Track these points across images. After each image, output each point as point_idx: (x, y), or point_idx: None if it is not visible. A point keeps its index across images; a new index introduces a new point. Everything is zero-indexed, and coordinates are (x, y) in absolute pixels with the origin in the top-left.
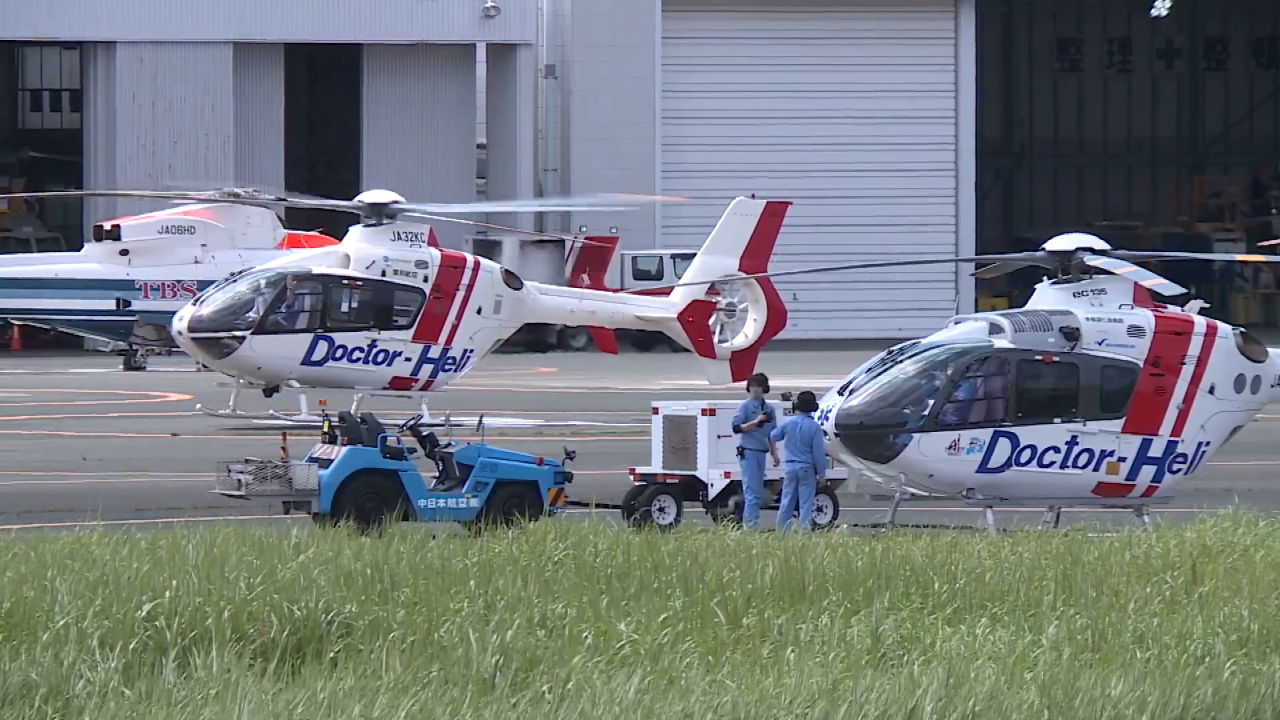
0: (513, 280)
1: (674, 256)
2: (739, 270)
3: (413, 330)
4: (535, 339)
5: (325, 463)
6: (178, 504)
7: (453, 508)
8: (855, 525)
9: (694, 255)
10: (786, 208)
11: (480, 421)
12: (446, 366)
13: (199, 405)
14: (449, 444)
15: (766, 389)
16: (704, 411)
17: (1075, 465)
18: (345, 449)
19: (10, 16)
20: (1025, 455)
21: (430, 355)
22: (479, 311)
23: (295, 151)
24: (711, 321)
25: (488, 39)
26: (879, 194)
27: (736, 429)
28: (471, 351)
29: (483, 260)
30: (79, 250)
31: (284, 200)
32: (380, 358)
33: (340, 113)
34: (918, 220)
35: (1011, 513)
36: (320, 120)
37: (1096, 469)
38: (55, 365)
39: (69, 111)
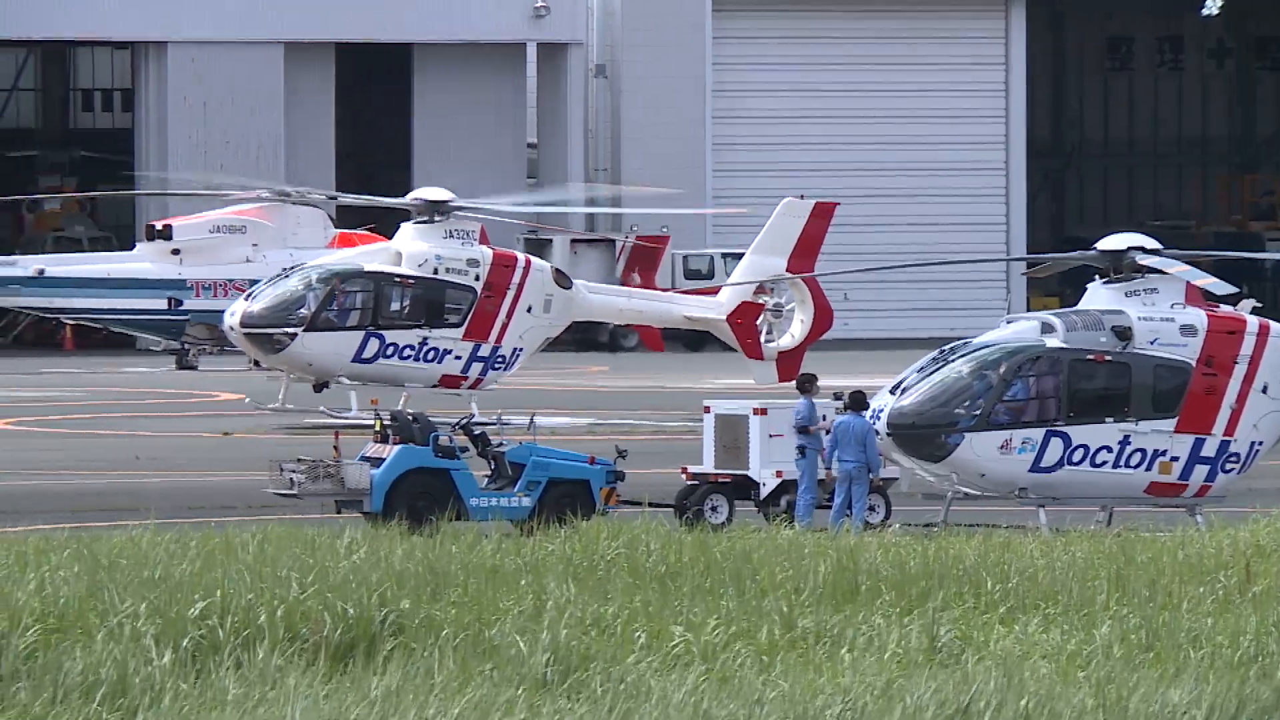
0: (563, 279)
1: (724, 256)
2: (787, 270)
3: (463, 328)
4: (586, 338)
5: (377, 462)
6: (230, 503)
7: (505, 507)
8: (908, 525)
9: (744, 254)
10: (835, 208)
11: (532, 420)
12: (496, 365)
13: (248, 399)
14: (501, 443)
15: (815, 389)
16: (756, 411)
17: (1128, 465)
18: (397, 448)
19: (62, 17)
20: (1078, 455)
21: (480, 354)
22: (529, 310)
23: (346, 151)
24: (759, 322)
25: (538, 38)
26: (929, 193)
27: (803, 430)
28: (521, 350)
29: (534, 259)
30: (131, 250)
31: (335, 198)
32: (430, 356)
33: (391, 112)
34: (968, 219)
35: (1064, 512)
36: (371, 120)
37: (1149, 469)
38: (107, 365)
39: (120, 111)
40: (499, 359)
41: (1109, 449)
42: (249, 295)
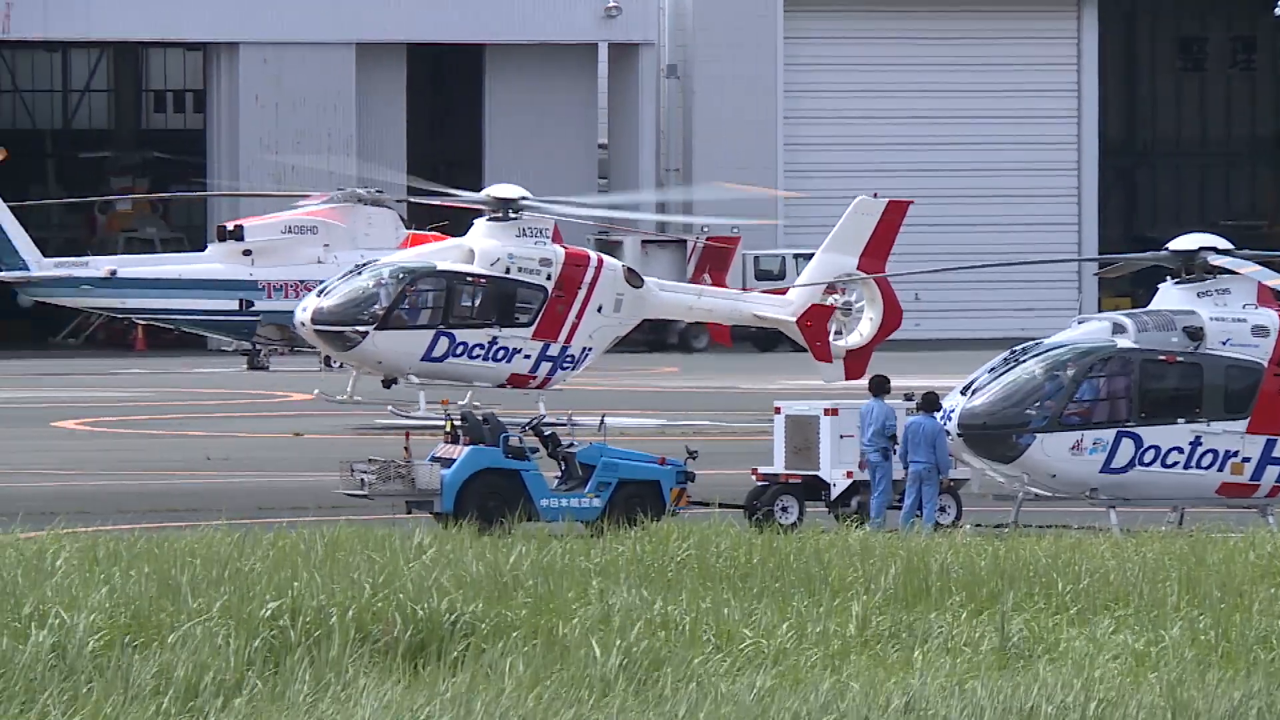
0: (634, 278)
1: (795, 256)
2: (858, 269)
3: (533, 328)
4: (657, 339)
5: (448, 462)
6: (301, 503)
7: (575, 507)
8: (978, 525)
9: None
10: (908, 207)
11: (602, 421)
12: (565, 364)
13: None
14: (571, 444)
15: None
16: (826, 411)
17: (1199, 466)
18: (468, 449)
19: (134, 18)
20: (1149, 455)
21: (549, 353)
22: (600, 310)
23: (417, 151)
24: (828, 323)
25: (609, 39)
26: (1001, 193)
27: (891, 437)
28: (590, 350)
29: (606, 258)
30: (202, 250)
31: (406, 201)
32: (500, 355)
33: (462, 113)
34: (1040, 220)
35: (1135, 513)
36: (442, 120)
37: (1220, 469)
38: (178, 365)
39: (192, 112)
40: (568, 358)
41: (1180, 450)
42: (321, 291)
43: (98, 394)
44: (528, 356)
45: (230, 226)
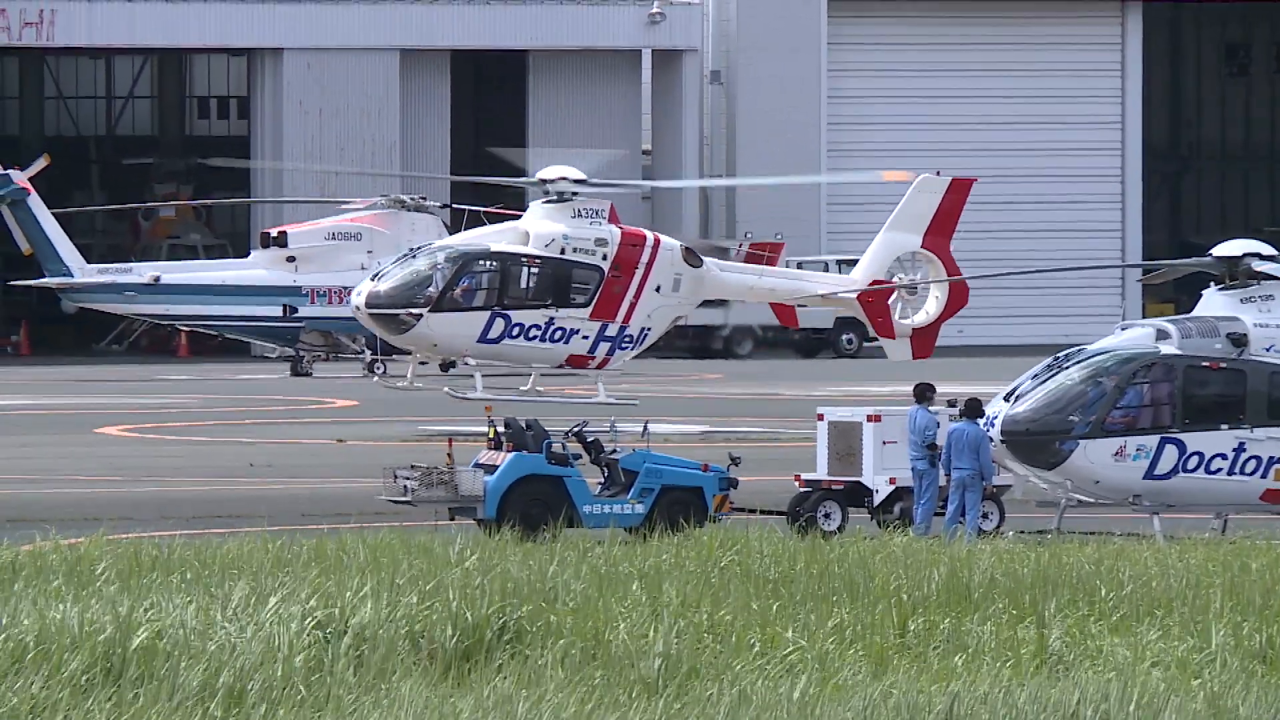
0: (693, 258)
1: (839, 262)
2: (922, 248)
3: (590, 308)
4: (701, 345)
5: (491, 469)
6: (344, 510)
7: (618, 514)
8: (1021, 532)
9: (858, 260)
10: (971, 185)
11: (645, 427)
12: (624, 344)
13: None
14: (614, 450)
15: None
16: (869, 418)
17: (1243, 472)
18: (510, 455)
19: (178, 24)
20: (1192, 462)
21: (608, 333)
22: (658, 290)
23: (461, 157)
24: (892, 300)
25: (653, 45)
26: (1045, 199)
27: (931, 446)
28: (649, 330)
29: (663, 238)
30: (246, 257)
31: (449, 206)
32: (557, 335)
33: (506, 118)
34: (1084, 226)
35: (1179, 520)
36: (486, 126)
37: (1264, 476)
38: (222, 371)
39: (236, 118)
40: (626, 338)
41: (1224, 456)
42: (376, 276)
43: (141, 400)
44: (585, 337)
45: (274, 233)
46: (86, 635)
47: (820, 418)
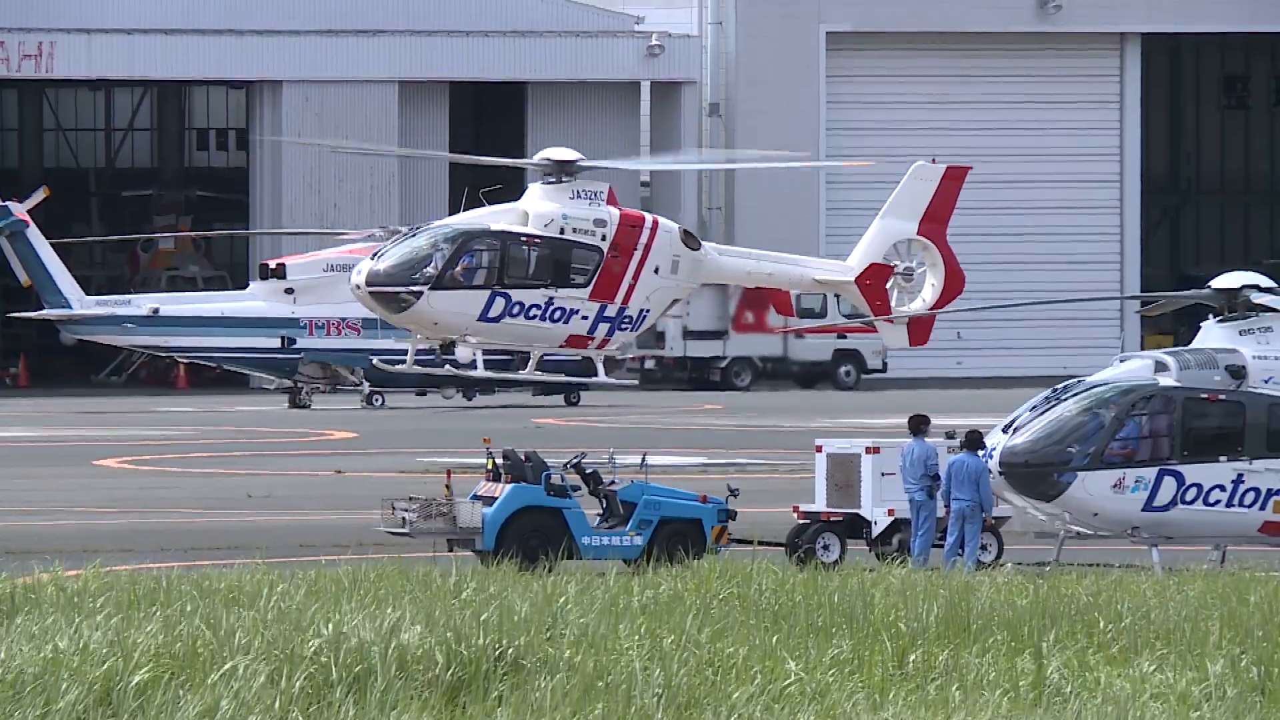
0: (691, 240)
1: (837, 295)
2: (917, 235)
3: (589, 289)
4: (700, 377)
5: (489, 500)
6: (342, 541)
7: (617, 545)
8: (1020, 564)
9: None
10: (967, 172)
11: (644, 459)
12: (623, 325)
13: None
14: (613, 481)
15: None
16: (868, 449)
17: (1241, 504)
18: (509, 486)
19: (178, 57)
20: (1191, 494)
21: (607, 314)
22: (656, 271)
23: (460, 189)
24: (889, 285)
25: (652, 77)
26: (1044, 231)
27: (934, 476)
28: (648, 311)
29: (661, 219)
30: (245, 288)
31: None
32: (557, 315)
33: (505, 150)
34: (1082, 258)
35: (1177, 551)
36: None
37: (1263, 507)
38: (220, 403)
39: (235, 150)
40: (625, 319)
41: (1222, 488)
42: (375, 255)
43: (140, 432)
44: (585, 318)
45: (273, 264)
46: (83, 667)
47: (819, 449)
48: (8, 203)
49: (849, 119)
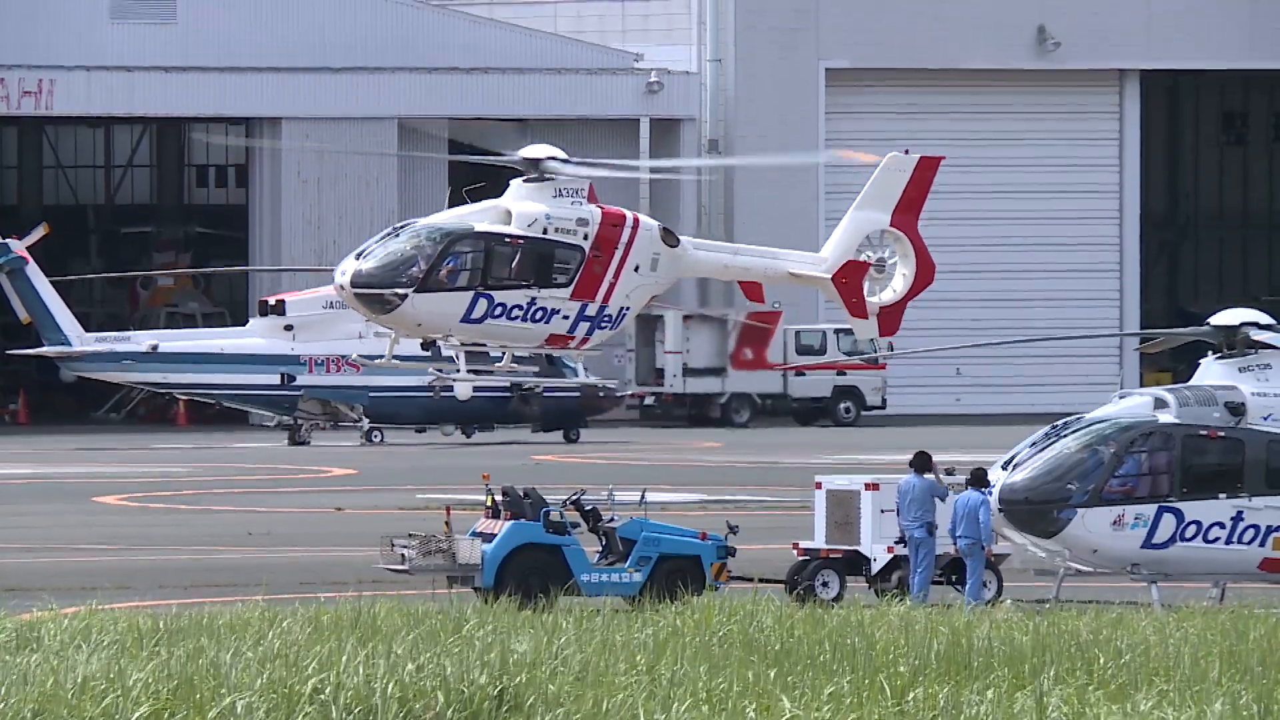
0: (670, 237)
1: (837, 331)
2: (890, 225)
3: (571, 288)
4: (699, 413)
5: (488, 537)
6: (342, 579)
7: (616, 582)
8: (1019, 601)
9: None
10: (939, 163)
11: (643, 496)
12: (603, 324)
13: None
14: (612, 518)
15: (929, 466)
16: (867, 486)
17: (1241, 541)
18: (508, 524)
19: (178, 94)
20: (1190, 531)
21: (587, 313)
22: (636, 269)
23: None
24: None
25: (651, 114)
26: (1043, 268)
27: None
28: (627, 309)
29: (642, 217)
30: (244, 325)
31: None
32: (538, 315)
33: (505, 186)
34: (1081, 294)
35: (1177, 589)
36: (485, 195)
37: (1263, 545)
38: (220, 440)
39: (234, 187)
40: (605, 318)
41: (1222, 525)
42: (359, 255)
43: (139, 469)
44: (566, 317)
45: (272, 301)
46: (82, 704)
47: (818, 486)
48: (7, 239)
49: None
